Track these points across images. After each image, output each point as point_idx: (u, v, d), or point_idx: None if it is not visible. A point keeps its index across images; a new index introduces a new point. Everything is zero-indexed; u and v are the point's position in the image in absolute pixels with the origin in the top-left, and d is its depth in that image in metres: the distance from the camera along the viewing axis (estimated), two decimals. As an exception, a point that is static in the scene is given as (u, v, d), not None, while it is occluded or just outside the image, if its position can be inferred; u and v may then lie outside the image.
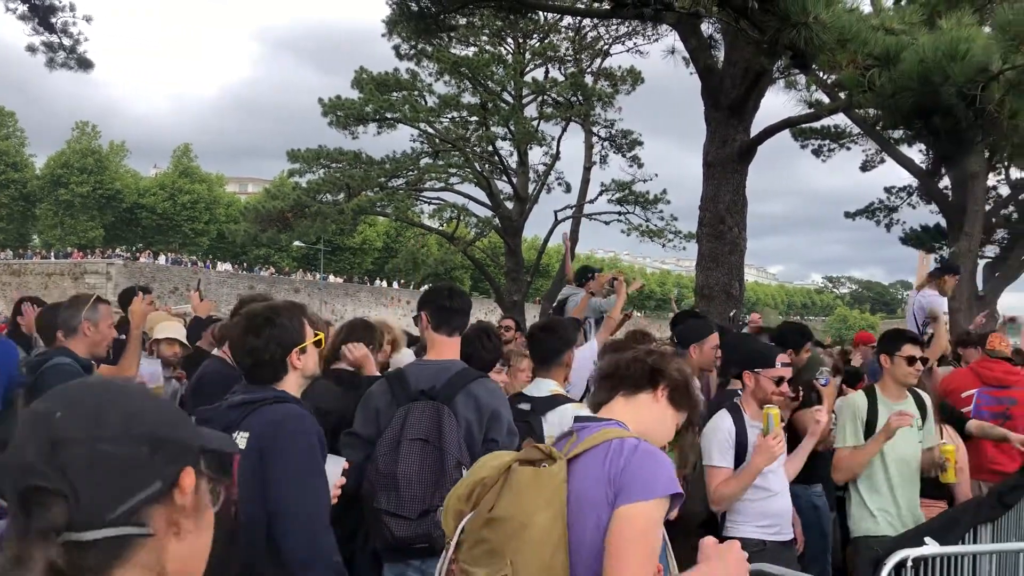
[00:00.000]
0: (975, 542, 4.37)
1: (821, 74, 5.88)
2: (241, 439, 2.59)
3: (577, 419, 2.16)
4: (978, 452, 5.50)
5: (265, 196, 29.17)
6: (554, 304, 7.71)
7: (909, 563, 3.30)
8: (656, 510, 1.96)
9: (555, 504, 1.93)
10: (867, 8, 9.20)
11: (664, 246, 29.98)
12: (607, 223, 29.55)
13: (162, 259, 59.65)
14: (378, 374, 3.99)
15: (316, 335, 2.87)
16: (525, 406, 3.71)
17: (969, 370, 5.92)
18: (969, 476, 5.08)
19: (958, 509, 4.32)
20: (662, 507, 1.97)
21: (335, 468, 2.77)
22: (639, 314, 71.08)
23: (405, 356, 5.34)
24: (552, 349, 4.03)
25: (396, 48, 24.74)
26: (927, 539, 3.43)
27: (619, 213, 29.31)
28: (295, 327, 2.78)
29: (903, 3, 12.83)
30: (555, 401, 3.81)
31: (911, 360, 4.52)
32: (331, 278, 66.78)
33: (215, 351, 4.62)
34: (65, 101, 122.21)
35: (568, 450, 2.04)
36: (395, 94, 25.78)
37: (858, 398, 4.57)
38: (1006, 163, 19.19)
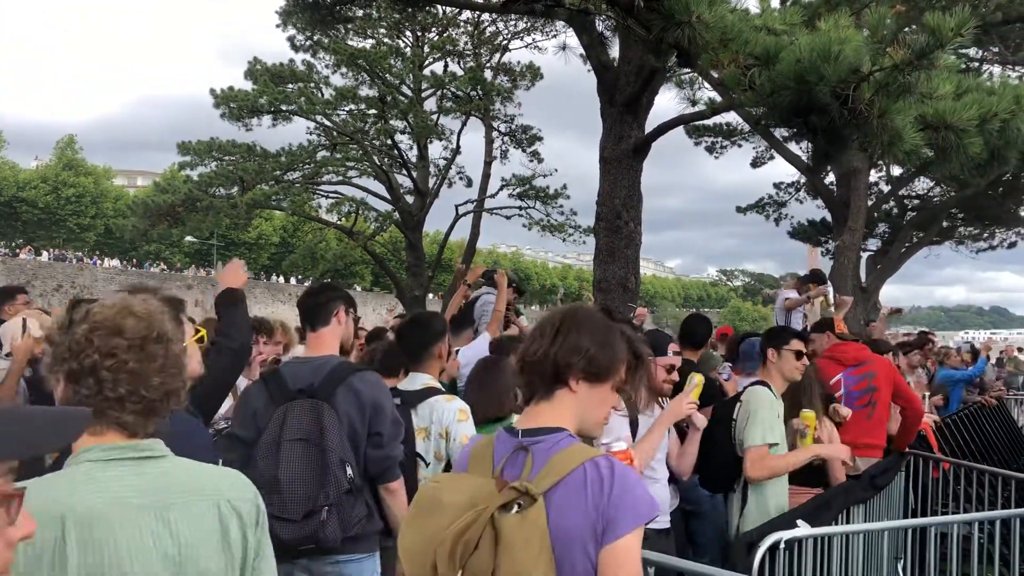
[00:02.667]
0: (848, 523, 4.58)
1: (714, 73, 6.02)
2: None
3: (525, 432, 1.98)
4: (849, 428, 5.75)
5: (155, 190, 28.12)
6: (464, 303, 7.71)
7: (782, 545, 3.43)
8: (641, 535, 1.87)
9: (546, 551, 1.79)
10: (756, 8, 9.51)
11: (565, 240, 30.26)
12: (508, 218, 29.67)
13: (44, 255, 56.84)
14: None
15: (197, 332, 2.72)
16: (396, 400, 3.70)
17: (826, 358, 6.14)
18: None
19: (831, 492, 4.51)
20: (643, 531, 1.88)
21: None
22: (538, 308, 71.65)
23: (295, 351, 5.26)
24: (419, 343, 4.00)
25: (291, 39, 24.24)
26: (799, 521, 3.56)
27: (520, 208, 29.43)
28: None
29: (788, 4, 13.31)
30: (426, 394, 3.81)
31: (798, 355, 4.64)
32: (226, 274, 64.95)
33: None
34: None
35: (531, 475, 1.88)
36: (290, 86, 25.23)
37: (768, 392, 4.53)
38: (891, 160, 20.06)
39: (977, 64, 17.86)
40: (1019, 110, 5.91)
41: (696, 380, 3.82)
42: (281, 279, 68.41)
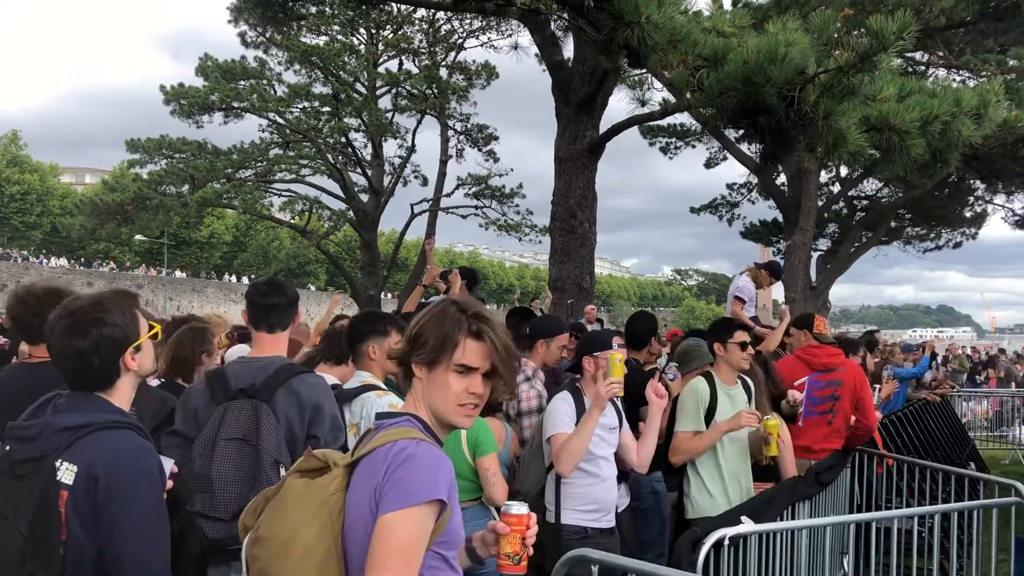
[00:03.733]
0: (793, 519, 4.64)
1: (665, 74, 6.06)
2: (67, 472, 2.23)
3: (379, 416, 2.06)
4: (807, 433, 5.83)
5: (103, 188, 27.58)
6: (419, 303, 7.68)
7: (726, 542, 3.46)
8: (416, 518, 1.84)
9: (322, 517, 1.83)
10: (707, 11, 9.59)
11: (521, 240, 30.31)
12: (464, 217, 29.60)
13: (-12, 254, 55.48)
14: None
15: (151, 328, 2.61)
16: None
17: (796, 358, 6.24)
18: (793, 456, 5.37)
19: (776, 489, 4.56)
20: (424, 514, 1.85)
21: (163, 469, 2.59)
22: (495, 307, 71.67)
23: (239, 351, 5.19)
24: (350, 340, 4.02)
25: (242, 36, 23.92)
26: (743, 518, 3.60)
27: (476, 207, 29.41)
28: (127, 322, 2.42)
29: (739, 6, 13.46)
30: (362, 390, 3.80)
31: (743, 345, 4.79)
32: (177, 273, 63.92)
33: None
34: None
35: (357, 453, 1.94)
36: (242, 83, 24.92)
37: (700, 384, 4.73)
38: (837, 161, 20.45)
39: (923, 68, 18.22)
40: (959, 113, 6.04)
41: (612, 357, 3.83)
42: (233, 278, 67.56)
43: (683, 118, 23.01)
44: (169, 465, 2.57)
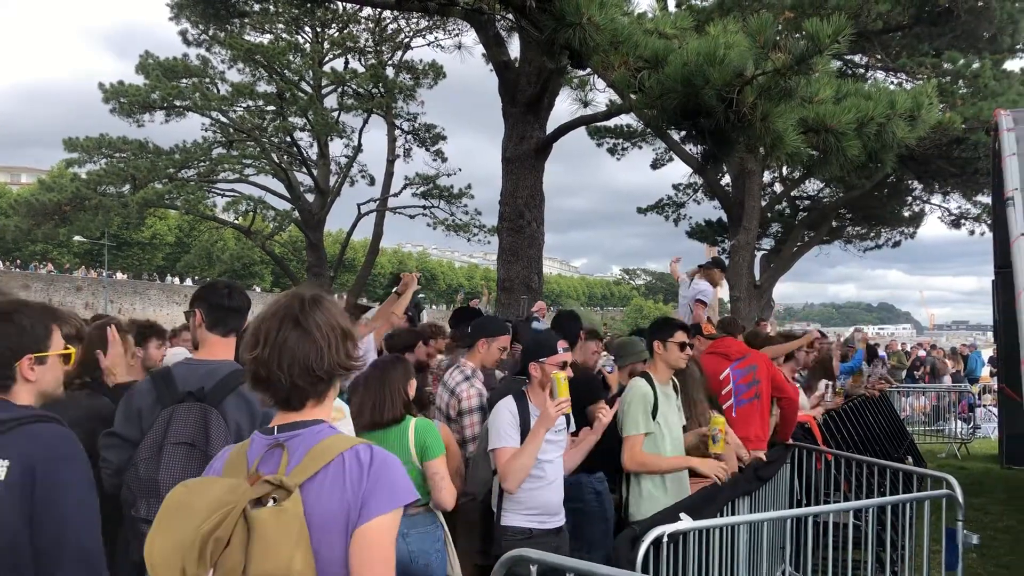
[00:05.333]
0: (734, 514, 4.70)
1: (609, 74, 6.11)
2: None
3: (281, 428, 1.95)
4: (744, 423, 5.92)
5: (40, 188, 26.80)
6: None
7: (665, 539, 3.48)
8: (397, 519, 1.87)
9: (303, 542, 1.77)
10: (652, 13, 9.68)
11: (469, 240, 30.26)
12: (412, 217, 29.45)
13: (-81, 256, 53.66)
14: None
15: (66, 349, 2.56)
16: None
17: (710, 353, 6.33)
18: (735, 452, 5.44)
19: (717, 485, 4.60)
20: (400, 515, 1.88)
21: None
22: (444, 308, 71.45)
23: (178, 354, 5.08)
24: None
25: (183, 33, 23.49)
26: (681, 515, 3.63)
27: (424, 207, 29.28)
28: (35, 331, 2.42)
29: (683, 8, 13.61)
30: None
31: (682, 345, 4.82)
32: (118, 275, 62.51)
33: None
34: None
35: (289, 469, 1.86)
36: (184, 81, 24.46)
37: (644, 387, 4.70)
38: (776, 162, 20.82)
39: (862, 71, 18.61)
40: (894, 114, 6.17)
41: (555, 378, 3.84)
42: (176, 280, 66.29)
43: (629, 119, 23.19)
44: None
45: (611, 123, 24.86)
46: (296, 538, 1.75)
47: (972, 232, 24.99)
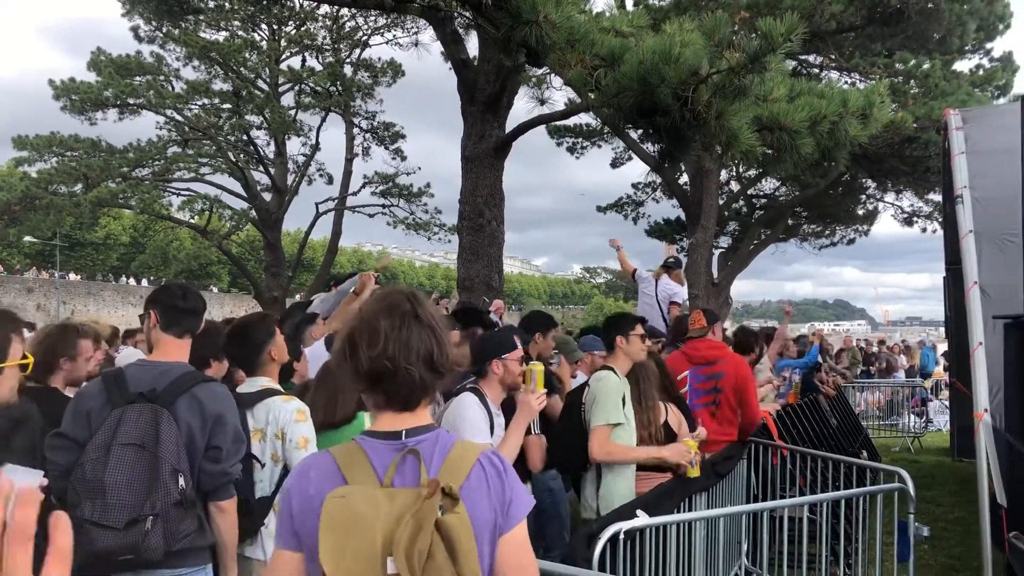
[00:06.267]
0: (690, 510, 4.72)
1: (565, 73, 6.12)
2: None
3: (408, 432, 1.88)
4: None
5: (-12, 187, 26.24)
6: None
7: (622, 536, 3.48)
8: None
9: (475, 548, 1.76)
10: (610, 11, 9.71)
11: (430, 239, 30.14)
12: (371, 216, 29.27)
13: None
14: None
15: (25, 358, 2.51)
16: None
17: (680, 352, 6.38)
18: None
19: (673, 481, 4.63)
20: None
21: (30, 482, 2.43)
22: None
23: (130, 355, 5.00)
24: (245, 355, 3.85)
25: (135, 30, 23.06)
26: (638, 512, 3.64)
27: (383, 206, 29.12)
28: None
29: (640, 7, 13.70)
30: (264, 395, 3.69)
31: (643, 338, 4.88)
32: (71, 276, 61.31)
33: None
34: None
35: (431, 476, 1.81)
36: (138, 78, 24.01)
37: (613, 376, 4.72)
38: (731, 160, 21.05)
39: (817, 70, 18.87)
40: (846, 113, 6.25)
41: (535, 370, 3.83)
42: (131, 281, 65.18)
43: (588, 118, 23.28)
44: (36, 478, 2.44)
45: (570, 122, 24.96)
46: (470, 544, 1.75)
47: (924, 230, 25.49)
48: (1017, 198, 5.91)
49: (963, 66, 18.54)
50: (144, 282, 63.75)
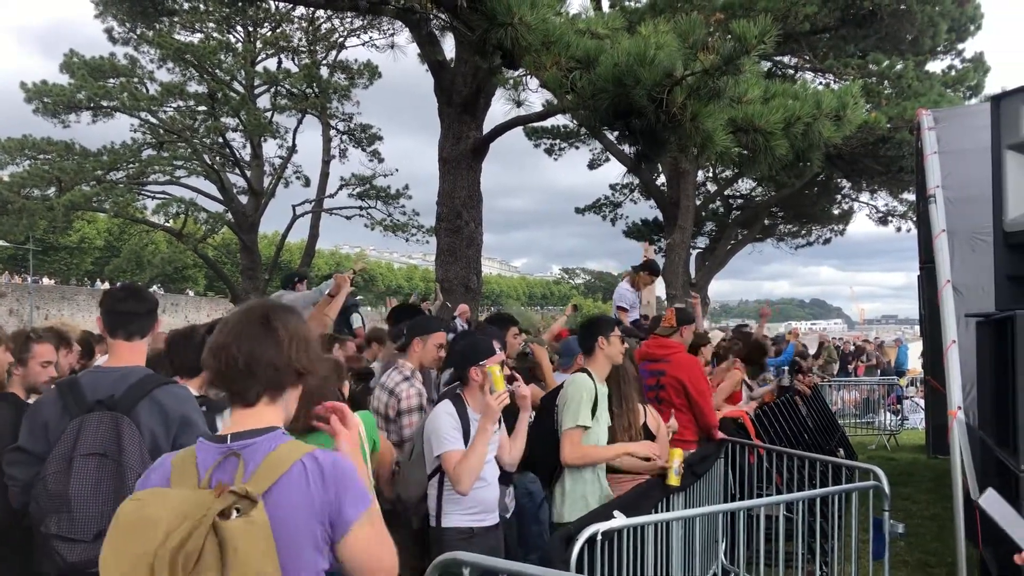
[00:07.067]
0: (668, 510, 4.74)
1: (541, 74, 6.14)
2: None
3: (234, 436, 1.90)
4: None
5: (-42, 191, 25.88)
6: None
7: (599, 537, 3.49)
8: (371, 515, 1.92)
9: (271, 552, 1.75)
10: (586, 13, 9.72)
11: (408, 241, 30.08)
12: (349, 218, 29.18)
13: None
14: None
15: None
16: (203, 408, 3.50)
17: (637, 350, 6.40)
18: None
19: (650, 482, 4.64)
20: (372, 510, 1.93)
21: None
22: (385, 310, 70.85)
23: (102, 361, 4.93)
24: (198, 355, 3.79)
25: (108, 31, 22.84)
26: (615, 512, 3.64)
27: (360, 208, 29.03)
28: None
29: (616, 9, 13.73)
30: None
31: (622, 339, 4.89)
32: (44, 280, 60.55)
33: None
34: None
35: (245, 478, 1.81)
36: (112, 80, 23.79)
37: (587, 381, 4.72)
38: (706, 161, 21.17)
39: (792, 71, 19.02)
40: (820, 114, 6.31)
41: (492, 371, 3.83)
42: (106, 285, 64.53)
43: (566, 120, 23.33)
44: None
45: (548, 123, 25.01)
46: (265, 549, 1.73)
47: (899, 229, 25.78)
48: (988, 197, 5.97)
49: (935, 67, 18.78)
50: (119, 286, 62.99)
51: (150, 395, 3.13)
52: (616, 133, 7.02)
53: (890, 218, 26.04)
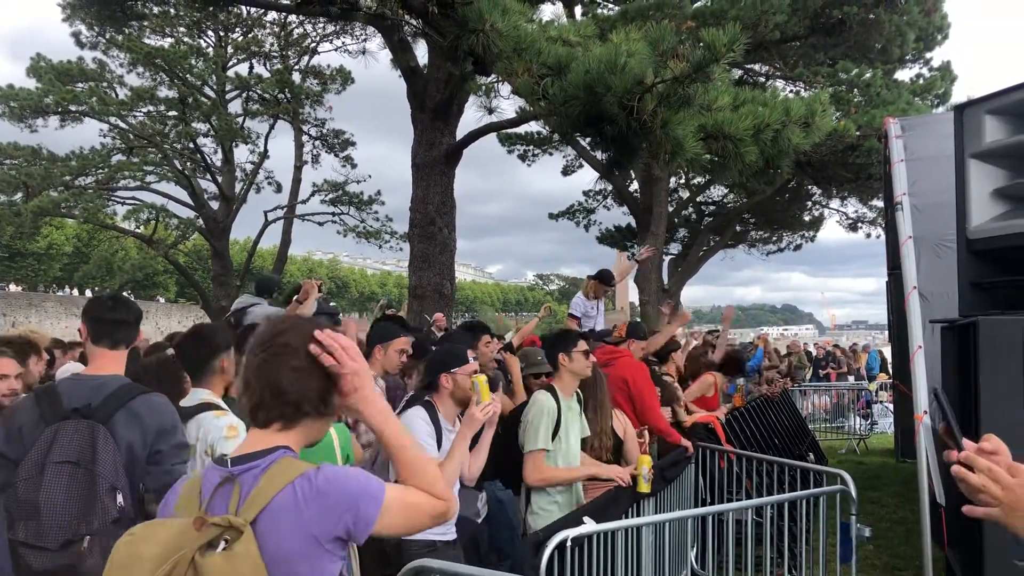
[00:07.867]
0: (638, 515, 4.75)
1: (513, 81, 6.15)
2: None
3: (235, 460, 1.83)
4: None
5: (-78, 196, 25.45)
6: (232, 311, 7.45)
7: (569, 543, 3.49)
8: (396, 499, 1.87)
9: None
10: (559, 20, 9.76)
11: (381, 247, 29.97)
12: (321, 224, 29.05)
13: None
14: None
15: None
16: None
17: None
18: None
19: (620, 488, 4.65)
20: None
21: None
22: (358, 316, 70.57)
23: (68, 370, 4.88)
24: (197, 358, 3.72)
25: (76, 35, 22.57)
26: (585, 518, 3.65)
27: (333, 214, 28.90)
28: None
29: (588, 16, 13.80)
30: (199, 409, 3.58)
31: (586, 353, 4.86)
32: (11, 287, 59.63)
33: None
34: None
35: (239, 506, 1.74)
36: (80, 85, 23.51)
37: (549, 402, 4.69)
38: (677, 168, 21.29)
39: (763, 79, 19.19)
40: (789, 121, 6.37)
41: (478, 382, 3.82)
42: (75, 291, 63.64)
43: (539, 126, 23.38)
44: None
45: (521, 130, 25.03)
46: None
47: (869, 235, 26.04)
48: (953, 205, 6.06)
49: (904, 75, 19.02)
50: (88, 293, 62.22)
51: (127, 405, 3.12)
52: (588, 140, 7.04)
53: (860, 224, 26.31)
